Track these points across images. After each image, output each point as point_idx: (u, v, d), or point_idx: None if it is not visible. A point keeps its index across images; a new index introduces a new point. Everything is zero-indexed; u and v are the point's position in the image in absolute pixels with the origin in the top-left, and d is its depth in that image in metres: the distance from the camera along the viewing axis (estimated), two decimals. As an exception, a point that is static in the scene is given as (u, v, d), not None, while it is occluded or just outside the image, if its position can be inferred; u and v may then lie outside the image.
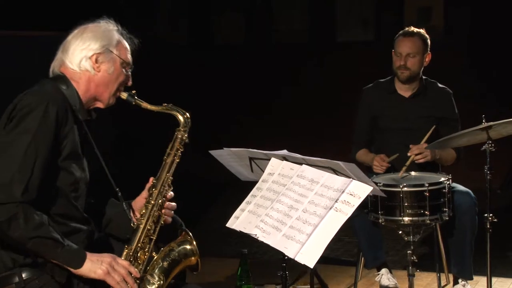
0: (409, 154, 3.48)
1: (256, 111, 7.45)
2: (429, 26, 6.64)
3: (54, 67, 2.44)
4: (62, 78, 2.39)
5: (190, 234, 2.50)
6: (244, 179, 3.15)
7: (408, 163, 3.44)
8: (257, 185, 2.79)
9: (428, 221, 3.12)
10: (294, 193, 2.58)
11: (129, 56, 2.50)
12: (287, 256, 2.44)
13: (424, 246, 4.56)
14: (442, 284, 3.81)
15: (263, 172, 2.82)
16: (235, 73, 7.65)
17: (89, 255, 2.25)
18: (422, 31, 3.70)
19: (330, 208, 2.42)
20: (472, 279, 3.58)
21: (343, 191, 2.44)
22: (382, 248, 3.71)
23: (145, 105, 2.50)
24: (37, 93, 2.30)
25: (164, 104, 2.53)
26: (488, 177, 3.22)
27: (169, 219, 2.54)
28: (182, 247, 2.49)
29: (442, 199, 3.14)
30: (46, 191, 2.24)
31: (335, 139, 6.82)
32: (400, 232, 3.20)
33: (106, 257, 2.27)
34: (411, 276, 3.12)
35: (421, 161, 3.49)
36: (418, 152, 3.48)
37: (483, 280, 3.48)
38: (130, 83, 2.51)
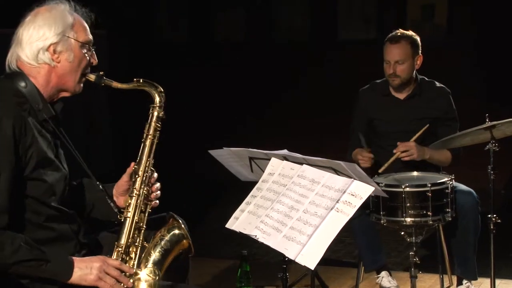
0: (394, 151, 3.48)
1: (256, 110, 7.45)
2: (432, 24, 6.64)
3: (11, 62, 2.30)
4: (19, 75, 2.27)
5: (178, 218, 2.44)
6: (244, 179, 3.15)
7: (391, 160, 3.45)
8: (257, 185, 2.79)
9: (430, 222, 3.12)
10: (294, 193, 2.59)
11: (88, 35, 2.35)
12: (287, 257, 2.44)
13: (427, 247, 4.56)
14: (445, 286, 3.80)
15: (263, 172, 2.83)
16: (235, 72, 7.64)
17: (77, 262, 2.19)
18: (409, 33, 3.63)
19: (331, 209, 2.42)
20: (476, 279, 3.59)
21: (344, 192, 2.44)
22: (382, 251, 3.71)
23: (115, 84, 2.38)
24: None
25: (134, 80, 2.41)
26: (492, 177, 3.22)
27: (156, 204, 2.45)
28: (172, 233, 2.41)
29: (444, 200, 3.14)
30: (20, 206, 2.17)
31: (336, 139, 6.82)
32: (402, 233, 3.21)
33: (95, 262, 2.21)
34: (413, 278, 3.12)
35: (406, 159, 3.49)
36: (404, 149, 3.47)
37: (487, 282, 3.48)
38: (95, 61, 2.38)
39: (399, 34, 3.63)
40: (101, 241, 2.52)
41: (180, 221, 2.43)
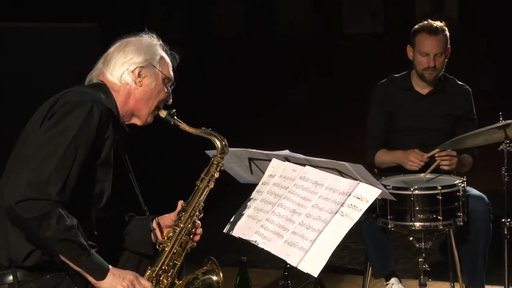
0: (436, 155, 3.45)
1: (257, 108, 7.46)
2: (443, 17, 6.65)
3: (92, 77, 2.49)
4: (101, 86, 2.44)
5: (217, 264, 2.56)
6: (243, 182, 3.15)
7: (435, 165, 3.41)
8: (257, 188, 2.79)
9: (441, 227, 3.12)
10: (296, 196, 2.58)
11: (171, 73, 2.56)
12: (289, 264, 2.44)
13: (437, 254, 4.55)
14: (456, 294, 3.80)
15: (264, 174, 2.83)
16: (234, 68, 7.65)
17: (113, 269, 2.30)
18: (443, 24, 3.66)
19: (336, 213, 2.42)
20: None
21: (349, 194, 2.44)
22: (391, 256, 3.71)
23: (183, 126, 2.56)
24: (80, 93, 2.34)
25: (203, 128, 2.59)
26: (506, 179, 3.21)
27: (193, 245, 2.60)
28: (207, 276, 2.54)
29: (456, 203, 3.14)
30: (74, 197, 2.27)
31: (342, 138, 6.82)
32: (411, 238, 3.20)
33: (129, 274, 2.33)
34: (422, 286, 3.12)
35: (445, 167, 3.47)
36: (447, 157, 3.45)
37: (500, 290, 3.48)
38: (170, 101, 2.58)
39: (435, 25, 3.64)
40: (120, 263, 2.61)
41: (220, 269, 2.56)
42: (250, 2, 8.14)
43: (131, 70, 2.46)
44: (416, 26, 3.67)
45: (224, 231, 2.73)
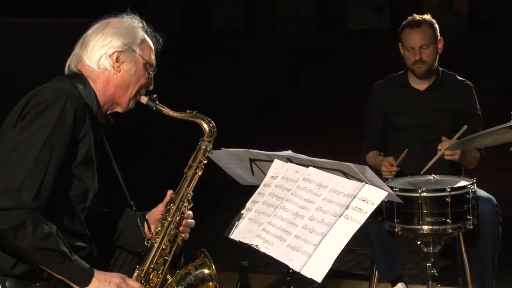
0: (439, 147, 3.47)
1: (257, 107, 7.46)
2: (452, 12, 6.64)
3: (71, 63, 2.47)
4: (79, 77, 2.42)
5: (209, 256, 2.54)
6: (243, 183, 3.15)
7: (435, 159, 3.44)
8: (258, 190, 2.79)
9: (450, 230, 3.12)
10: (299, 198, 2.59)
11: (153, 57, 2.53)
12: (292, 269, 2.44)
13: (446, 258, 4.55)
14: (466, 300, 3.80)
15: (265, 175, 2.83)
16: (233, 64, 7.65)
17: (97, 274, 2.28)
18: (427, 17, 3.71)
19: (340, 216, 2.42)
20: None
21: (354, 197, 2.44)
22: (398, 260, 3.71)
23: (166, 111, 2.53)
24: (53, 90, 2.31)
25: (188, 111, 2.56)
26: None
27: (186, 237, 2.57)
28: (199, 270, 2.52)
29: (465, 206, 3.14)
30: (54, 200, 2.25)
31: (346, 137, 6.83)
32: (419, 242, 3.20)
33: (115, 277, 2.30)
34: (431, 291, 3.12)
35: (448, 157, 3.49)
36: (448, 147, 3.47)
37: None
38: (151, 87, 2.54)
39: (417, 18, 3.68)
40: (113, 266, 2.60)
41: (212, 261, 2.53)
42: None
43: (109, 55, 2.42)
44: (402, 24, 3.72)
45: (224, 234, 2.73)
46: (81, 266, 2.25)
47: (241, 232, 2.68)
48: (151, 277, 2.43)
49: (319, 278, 2.33)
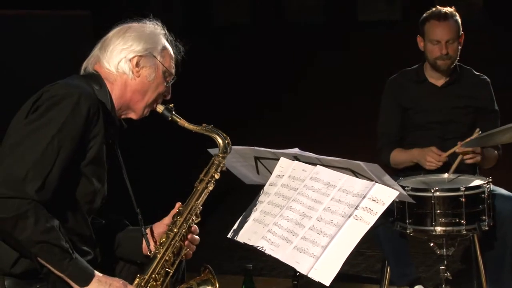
0: (458, 151, 3.46)
1: (264, 103, 7.46)
2: (466, 2, 6.63)
3: (88, 64, 2.49)
4: (95, 77, 2.44)
5: (213, 272, 2.56)
6: (248, 182, 3.15)
7: (458, 161, 3.43)
8: (263, 189, 2.80)
9: (464, 232, 3.12)
10: (307, 198, 2.59)
11: (173, 66, 2.55)
12: (298, 272, 2.45)
13: (460, 261, 4.55)
14: (481, 305, 3.80)
15: (271, 174, 2.83)
16: (239, 58, 7.65)
17: (98, 275, 2.30)
18: (453, 10, 3.70)
19: (349, 216, 2.42)
20: None
21: (364, 196, 2.45)
22: (412, 263, 3.71)
23: (182, 122, 2.55)
24: (67, 85, 2.33)
25: (203, 125, 2.59)
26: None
27: (190, 255, 2.59)
28: (202, 287, 2.54)
29: (480, 206, 3.14)
30: (59, 197, 2.27)
31: (355, 134, 6.82)
32: (432, 244, 3.21)
33: (116, 281, 2.33)
34: (444, 295, 3.13)
35: (470, 161, 3.49)
36: (470, 154, 3.46)
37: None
38: (168, 96, 2.57)
39: (443, 10, 3.67)
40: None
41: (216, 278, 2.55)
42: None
43: (129, 59, 2.45)
44: (424, 15, 3.72)
45: (228, 236, 2.73)
46: (82, 265, 2.27)
47: (245, 234, 2.68)
48: (150, 286, 2.43)
49: (327, 282, 2.33)
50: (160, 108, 2.54)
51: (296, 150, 2.80)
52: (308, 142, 3.02)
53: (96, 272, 2.30)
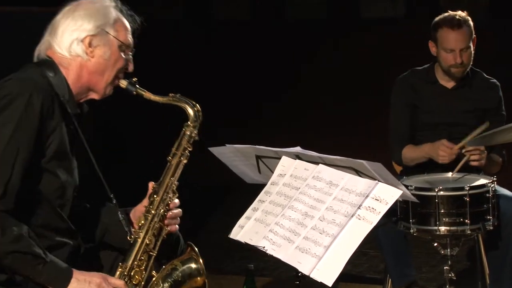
0: (466, 153, 3.46)
1: (265, 100, 7.45)
2: (471, 1, 6.62)
3: (40, 51, 2.43)
4: (48, 64, 2.38)
5: (196, 250, 2.53)
6: (250, 181, 3.16)
7: (463, 161, 3.44)
8: (265, 189, 2.80)
9: (468, 231, 3.12)
10: (309, 198, 2.59)
11: (129, 37, 2.48)
12: (300, 272, 2.45)
13: (464, 261, 4.56)
14: (486, 305, 3.80)
15: (273, 173, 2.83)
16: (240, 55, 7.64)
17: (76, 274, 2.27)
18: (465, 14, 3.68)
19: (352, 216, 2.43)
20: None
21: (367, 196, 2.45)
22: (411, 263, 3.72)
23: (148, 95, 2.50)
24: (18, 81, 2.28)
25: (170, 95, 2.54)
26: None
27: (174, 229, 2.55)
28: (186, 266, 2.51)
29: (485, 205, 3.14)
30: (25, 198, 2.24)
31: (357, 133, 6.82)
32: (436, 244, 3.21)
33: (96, 277, 2.29)
34: (448, 296, 3.13)
35: (475, 163, 3.49)
36: (477, 153, 3.47)
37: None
38: (131, 68, 2.51)
39: (457, 17, 3.65)
40: (102, 260, 2.59)
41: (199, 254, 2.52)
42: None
43: (81, 39, 2.38)
44: (436, 19, 3.70)
45: (229, 236, 2.73)
46: (58, 267, 2.24)
47: (247, 233, 2.68)
48: (132, 273, 2.40)
49: (329, 282, 2.33)
50: (123, 83, 2.48)
51: (298, 149, 2.80)
52: (309, 142, 3.02)
53: (75, 271, 2.27)
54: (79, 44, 2.38)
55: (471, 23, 3.68)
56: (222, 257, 5.02)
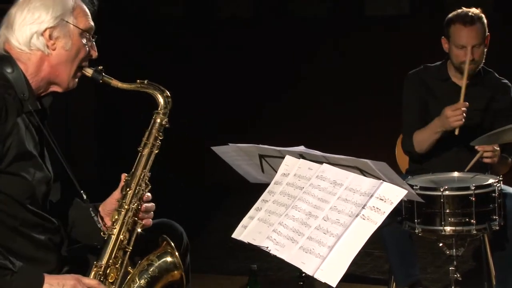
0: (479, 148, 3.47)
1: (268, 99, 7.45)
2: (476, 0, 6.61)
3: None
4: (6, 59, 2.31)
5: (172, 243, 2.47)
6: (253, 181, 3.16)
7: (476, 158, 3.44)
8: (268, 188, 2.80)
9: (474, 231, 3.11)
10: (313, 197, 2.59)
11: (89, 22, 2.41)
12: (304, 273, 2.44)
13: (470, 262, 4.55)
14: (492, 306, 3.80)
15: (276, 172, 2.83)
16: (242, 53, 7.64)
17: (48, 279, 2.23)
18: (479, 12, 3.68)
19: (356, 216, 2.42)
20: None
21: (371, 195, 2.44)
22: (416, 264, 3.72)
23: (115, 82, 2.44)
24: None
25: (138, 81, 2.47)
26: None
27: (149, 223, 2.49)
28: (162, 260, 2.45)
29: (491, 205, 3.13)
30: None
31: (361, 133, 6.81)
32: (441, 244, 3.20)
33: (69, 280, 2.25)
34: (453, 297, 3.13)
35: (488, 160, 3.50)
36: (489, 150, 3.47)
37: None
38: (94, 55, 2.44)
39: (470, 13, 3.65)
40: (90, 256, 2.55)
41: (174, 247, 2.46)
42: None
43: (41, 33, 2.31)
44: (449, 15, 3.70)
45: (232, 236, 2.73)
46: (27, 275, 2.20)
47: (250, 234, 2.68)
48: (108, 271, 2.35)
49: (333, 283, 2.33)
50: (89, 72, 2.42)
51: (301, 148, 2.80)
52: (309, 142, 3.02)
53: (47, 275, 2.23)
54: (39, 37, 2.31)
55: (485, 20, 3.68)
56: (225, 257, 5.02)
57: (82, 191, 2.45)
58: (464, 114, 3.50)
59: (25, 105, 2.29)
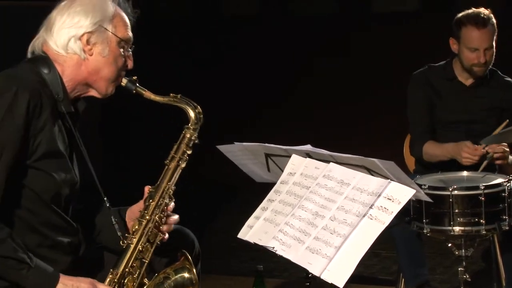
0: (489, 150, 3.46)
1: (273, 97, 7.46)
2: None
3: (35, 46, 2.40)
4: (43, 60, 2.35)
5: (190, 259, 2.50)
6: (259, 180, 3.16)
7: (486, 163, 3.44)
8: (274, 188, 2.80)
9: (483, 232, 3.11)
10: (319, 197, 2.59)
11: (128, 33, 2.45)
12: (311, 273, 2.44)
13: (479, 262, 4.54)
14: (502, 308, 3.80)
15: (282, 171, 2.83)
16: (247, 51, 7.65)
17: (63, 279, 2.24)
18: (488, 12, 3.67)
19: (364, 216, 2.42)
20: None
21: (379, 195, 2.44)
22: (425, 264, 3.72)
23: (148, 94, 2.48)
24: (6, 77, 2.26)
25: (171, 95, 2.51)
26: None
27: (166, 237, 2.51)
28: (179, 275, 2.48)
29: (501, 205, 3.13)
30: (16, 198, 2.23)
31: (369, 132, 6.81)
32: (450, 245, 3.20)
33: (84, 282, 2.27)
34: (463, 298, 3.12)
35: (499, 162, 3.51)
36: (500, 151, 3.47)
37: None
38: (130, 65, 2.47)
39: (482, 15, 3.64)
40: (106, 261, 2.57)
41: (193, 264, 2.48)
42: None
43: (78, 37, 2.34)
44: (459, 16, 3.68)
45: (238, 236, 2.73)
46: (43, 272, 2.22)
47: (256, 234, 2.68)
48: (125, 281, 2.38)
49: (340, 284, 2.33)
50: (123, 81, 2.45)
51: (308, 147, 2.79)
52: (309, 142, 3.02)
53: (62, 275, 2.24)
54: (76, 41, 2.35)
55: (494, 20, 3.67)
56: (231, 258, 5.02)
57: (105, 198, 2.47)
58: (477, 158, 3.48)
59: (59, 106, 2.33)
